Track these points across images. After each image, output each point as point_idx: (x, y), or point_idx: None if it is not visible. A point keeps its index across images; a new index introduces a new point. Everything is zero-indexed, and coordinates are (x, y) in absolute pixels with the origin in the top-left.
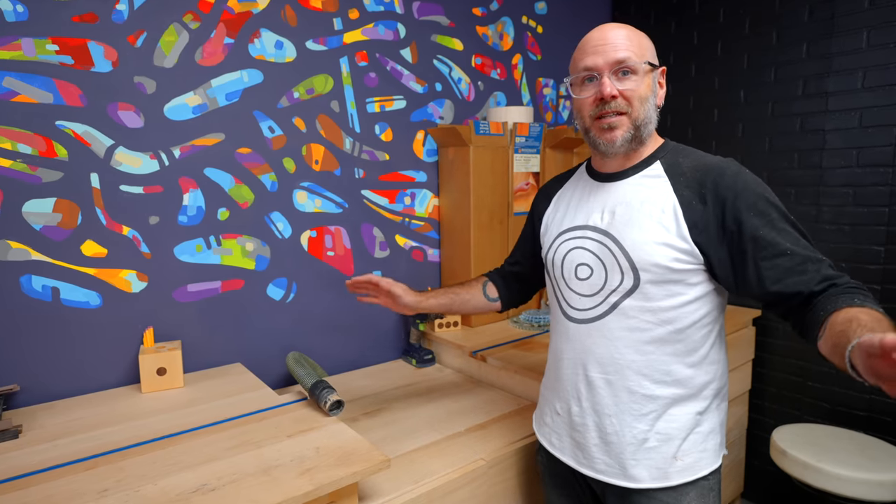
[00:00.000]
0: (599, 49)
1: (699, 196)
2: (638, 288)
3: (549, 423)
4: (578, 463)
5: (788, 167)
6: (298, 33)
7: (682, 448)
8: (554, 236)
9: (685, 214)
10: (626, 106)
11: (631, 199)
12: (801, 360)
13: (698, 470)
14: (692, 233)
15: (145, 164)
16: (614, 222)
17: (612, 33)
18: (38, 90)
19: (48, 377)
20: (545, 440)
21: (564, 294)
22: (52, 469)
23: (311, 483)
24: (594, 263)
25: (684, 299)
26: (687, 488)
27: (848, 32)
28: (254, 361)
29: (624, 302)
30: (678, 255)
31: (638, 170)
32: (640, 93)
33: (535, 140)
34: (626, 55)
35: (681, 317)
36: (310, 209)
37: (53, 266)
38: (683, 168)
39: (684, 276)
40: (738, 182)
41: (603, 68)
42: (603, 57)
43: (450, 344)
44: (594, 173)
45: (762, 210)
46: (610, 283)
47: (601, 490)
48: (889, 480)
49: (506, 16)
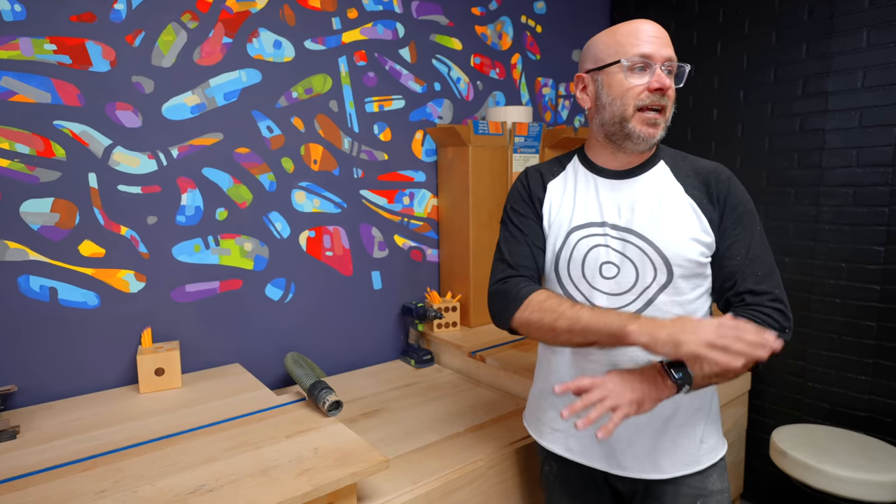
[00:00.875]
0: (654, 41)
1: (707, 196)
2: (671, 283)
3: (564, 429)
4: (608, 464)
5: (788, 167)
6: (297, 33)
7: (706, 430)
8: (565, 232)
9: (703, 210)
10: (668, 103)
11: (649, 197)
12: (801, 360)
13: (718, 451)
14: (711, 227)
15: (143, 163)
16: (636, 220)
17: (659, 29)
18: (35, 90)
19: (46, 377)
20: (558, 446)
21: (585, 293)
22: (50, 470)
23: (309, 484)
24: (620, 261)
25: (702, 290)
26: (710, 470)
27: (848, 32)
28: (252, 362)
29: (659, 297)
30: (703, 249)
31: (646, 168)
32: (673, 95)
33: (534, 140)
34: (673, 54)
35: (699, 308)
36: (308, 209)
37: (51, 266)
38: (685, 171)
39: (705, 268)
40: (731, 185)
41: (657, 60)
42: (658, 48)
43: (448, 344)
44: (598, 169)
45: (740, 214)
46: (643, 279)
47: (628, 488)
48: (889, 481)
49: (505, 15)
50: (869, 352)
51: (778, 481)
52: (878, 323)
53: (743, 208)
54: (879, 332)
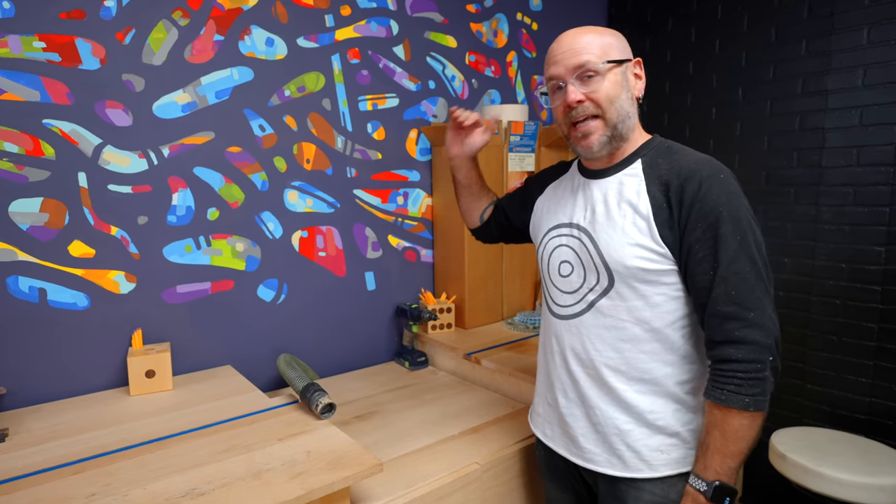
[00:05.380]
0: (559, 57)
1: (666, 199)
2: (613, 288)
3: (542, 414)
4: (570, 453)
5: (788, 166)
6: (289, 30)
7: (667, 443)
8: (544, 232)
9: (656, 216)
10: (595, 108)
11: (609, 198)
12: (800, 362)
13: (685, 465)
14: (662, 234)
15: (134, 163)
16: (594, 221)
17: (571, 40)
18: (24, 88)
19: (35, 380)
20: (539, 431)
21: (550, 290)
22: (39, 473)
23: (302, 487)
24: (574, 261)
25: (660, 299)
26: (674, 480)
27: (848, 29)
28: (244, 364)
29: (600, 301)
30: (650, 256)
31: (620, 168)
32: (607, 92)
33: (529, 139)
34: (585, 59)
35: (657, 316)
36: (301, 209)
37: (40, 267)
38: (661, 169)
39: (658, 276)
40: (703, 188)
41: (565, 75)
42: (563, 65)
43: (443, 346)
44: (583, 169)
45: (712, 223)
46: (588, 282)
47: (593, 480)
48: (890, 485)
49: (500, 12)
50: (869, 354)
51: (777, 485)
52: (878, 324)
53: (716, 216)
54: (880, 333)
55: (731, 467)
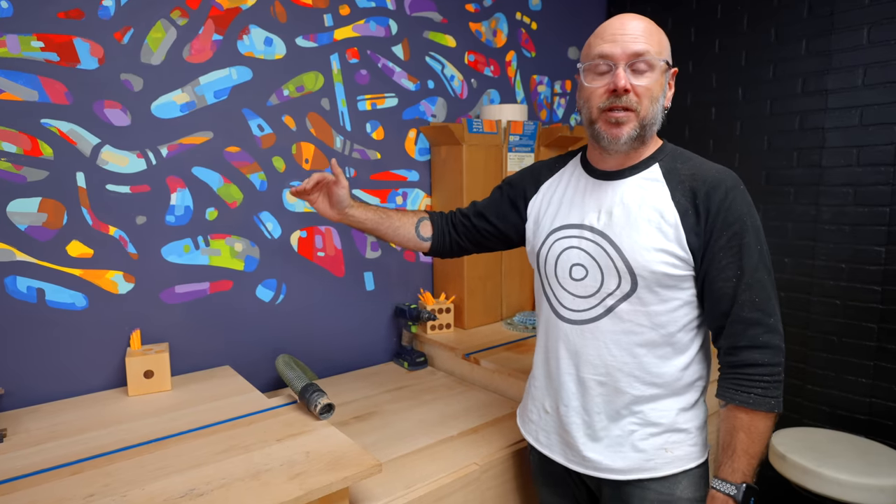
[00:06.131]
0: (618, 38)
1: (693, 206)
2: (634, 293)
3: (536, 421)
4: (568, 461)
5: (787, 166)
6: (288, 30)
7: (671, 441)
8: (547, 232)
9: (683, 222)
10: (636, 103)
11: (629, 202)
12: (800, 362)
13: (688, 461)
14: (689, 240)
15: (132, 162)
16: (611, 224)
17: (633, 24)
18: (22, 87)
19: (33, 380)
20: (531, 437)
21: (557, 293)
22: (38, 474)
23: (301, 488)
24: (589, 265)
25: (676, 304)
26: (678, 477)
27: (848, 29)
28: (243, 364)
29: (620, 306)
30: (675, 262)
31: (637, 171)
32: (653, 91)
33: (529, 138)
34: (646, 48)
35: (673, 321)
36: (300, 209)
37: (38, 267)
38: (681, 175)
39: (678, 281)
40: (728, 199)
41: (619, 59)
42: (621, 47)
43: (442, 346)
44: (591, 169)
45: (736, 232)
46: (606, 286)
47: (596, 485)
48: (890, 485)
49: (499, 12)
50: (869, 354)
51: (777, 485)
52: (878, 325)
53: (741, 226)
54: (880, 333)
55: (755, 467)
